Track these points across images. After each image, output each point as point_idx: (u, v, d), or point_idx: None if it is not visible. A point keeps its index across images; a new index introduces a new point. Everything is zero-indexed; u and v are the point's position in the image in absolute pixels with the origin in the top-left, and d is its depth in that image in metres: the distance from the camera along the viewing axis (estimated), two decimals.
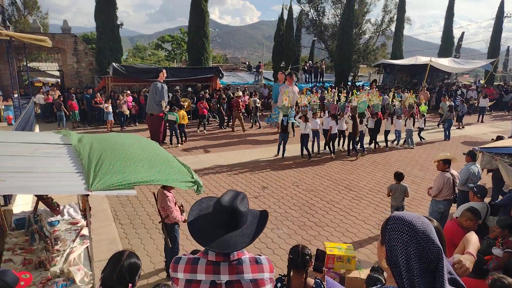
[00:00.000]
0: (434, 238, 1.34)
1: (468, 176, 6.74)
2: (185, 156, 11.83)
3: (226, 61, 45.45)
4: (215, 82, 20.29)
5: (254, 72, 27.27)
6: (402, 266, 1.32)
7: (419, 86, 24.28)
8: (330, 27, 37.53)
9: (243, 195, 2.00)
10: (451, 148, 13.71)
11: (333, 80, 27.95)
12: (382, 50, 39.01)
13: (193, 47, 22.30)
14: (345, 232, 6.96)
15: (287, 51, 30.74)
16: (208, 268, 1.86)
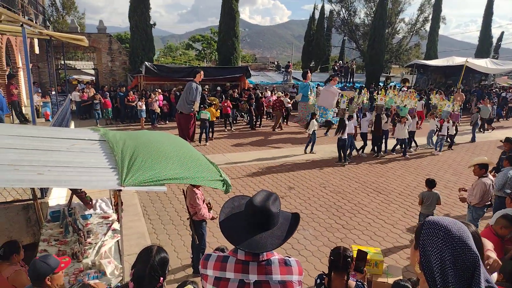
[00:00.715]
0: (471, 245, 1.29)
1: (505, 181, 6.45)
2: (213, 154, 11.96)
3: (255, 61, 45.60)
4: (243, 81, 20.40)
5: (283, 72, 27.18)
6: (436, 272, 1.28)
7: (454, 88, 23.44)
8: (362, 27, 36.91)
9: (276, 196, 2.00)
10: (487, 152, 13.16)
11: (364, 80, 27.46)
12: (415, 50, 37.94)
13: (223, 47, 22.51)
14: (373, 235, 6.83)
15: (317, 50, 30.54)
16: (237, 267, 1.87)
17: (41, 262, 2.86)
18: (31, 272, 2.84)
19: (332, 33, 38.45)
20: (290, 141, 14.39)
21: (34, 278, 2.84)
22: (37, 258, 2.92)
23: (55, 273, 2.92)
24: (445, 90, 23.04)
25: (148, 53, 20.04)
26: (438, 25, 31.14)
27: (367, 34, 31.61)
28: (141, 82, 18.27)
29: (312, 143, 12.49)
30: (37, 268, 2.82)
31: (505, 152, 8.19)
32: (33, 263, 2.86)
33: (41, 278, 2.83)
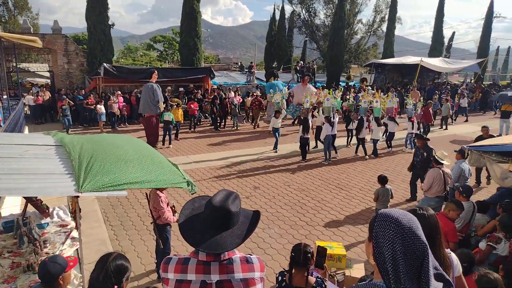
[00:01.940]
0: (420, 235, 1.37)
1: (460, 173, 6.86)
2: (176, 156, 11.81)
3: (218, 62, 45.36)
4: (207, 82, 20.28)
5: (246, 73, 27.27)
6: (388, 262, 1.34)
7: (410, 86, 24.49)
8: (322, 28, 37.71)
9: (236, 195, 2.01)
10: (441, 146, 13.83)
11: (325, 80, 28.07)
12: (373, 50, 39.28)
13: (185, 48, 22.26)
14: (336, 231, 7.01)
15: (279, 51, 30.86)
16: (199, 268, 1.87)
17: (52, 262, 2.89)
18: (43, 273, 2.86)
19: (294, 34, 39.02)
20: (255, 141, 14.47)
21: (47, 279, 2.86)
22: (47, 260, 2.95)
23: (66, 271, 2.97)
24: (402, 88, 24.01)
25: (106, 54, 19.44)
26: (394, 26, 32.38)
27: (327, 35, 32.34)
28: (100, 84, 17.70)
29: (276, 141, 12.65)
30: (49, 269, 2.84)
31: (418, 147, 8.50)
32: (44, 264, 2.89)
33: (54, 278, 2.86)
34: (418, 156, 8.41)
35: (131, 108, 17.05)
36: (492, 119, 20.59)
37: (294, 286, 2.97)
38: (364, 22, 38.47)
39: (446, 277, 1.47)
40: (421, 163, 8.28)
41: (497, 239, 4.56)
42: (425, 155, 8.19)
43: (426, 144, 8.33)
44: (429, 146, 8.32)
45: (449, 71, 30.33)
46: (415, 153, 8.58)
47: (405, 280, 1.29)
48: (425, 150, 8.23)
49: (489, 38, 35.03)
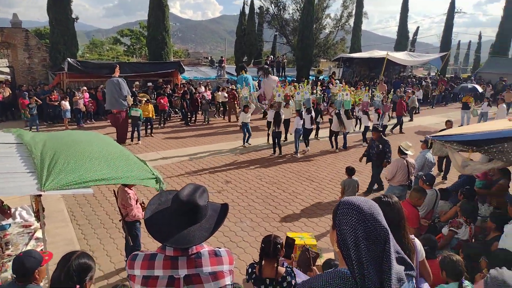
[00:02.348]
0: (381, 220, 1.41)
1: (424, 162, 7.13)
2: (146, 152, 11.60)
3: (188, 56, 44.73)
4: (176, 77, 19.98)
5: (216, 67, 27.06)
6: (351, 249, 1.37)
7: (377, 79, 25.11)
8: (291, 22, 37.94)
9: (203, 188, 1.99)
10: (406, 137, 14.31)
11: (295, 74, 28.30)
12: (341, 44, 39.96)
13: (153, 42, 21.83)
14: (307, 222, 7.13)
15: (249, 45, 30.77)
16: (166, 263, 1.85)
17: (28, 256, 2.85)
18: (18, 268, 2.79)
19: (264, 28, 39.06)
20: (226, 135, 14.42)
21: (22, 274, 2.79)
22: (21, 255, 2.90)
23: (41, 266, 2.92)
24: (369, 81, 24.58)
25: (71, 49, 18.76)
26: (361, 21, 33.04)
27: (297, 29, 32.57)
28: (64, 80, 17.06)
29: (245, 136, 12.66)
30: (25, 263, 2.78)
31: (373, 140, 8.60)
32: (18, 259, 2.83)
33: (30, 272, 2.81)
34: (374, 148, 8.47)
35: (97, 104, 16.55)
36: (454, 110, 21.48)
37: (264, 277, 3.00)
38: (332, 17, 39.06)
39: (407, 261, 1.52)
40: (377, 155, 8.37)
41: (459, 224, 4.78)
42: (380, 147, 8.28)
43: (381, 136, 8.47)
44: (384, 138, 8.48)
45: (414, 64, 31.34)
46: (371, 145, 8.63)
47: (367, 265, 1.33)
48: (380, 142, 8.33)
49: (451, 33, 36.41)
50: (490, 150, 4.31)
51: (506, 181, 5.97)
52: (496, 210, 5.52)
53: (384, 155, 8.27)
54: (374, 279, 1.32)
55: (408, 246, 2.32)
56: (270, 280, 2.97)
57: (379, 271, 1.34)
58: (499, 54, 33.65)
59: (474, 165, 4.90)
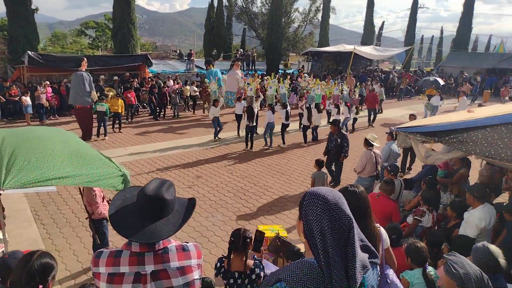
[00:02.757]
0: (345, 209, 1.44)
1: (389, 153, 7.35)
2: (113, 148, 11.30)
3: (155, 49, 43.73)
4: (143, 70, 19.53)
5: (185, 60, 26.65)
6: (317, 238, 1.39)
7: (344, 73, 25.58)
8: (260, 16, 37.90)
9: (170, 183, 1.97)
10: (372, 129, 14.71)
11: (265, 68, 28.35)
12: (310, 38, 40.38)
13: (118, 34, 21.19)
14: (278, 214, 7.21)
15: (218, 39, 30.54)
16: (132, 260, 1.82)
17: (13, 259, 2.71)
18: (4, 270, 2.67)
19: (233, 21, 38.83)
20: (196, 129, 14.28)
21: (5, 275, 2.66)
22: (6, 257, 2.80)
23: None
24: (338, 75, 25.02)
25: (31, 41, 17.88)
26: (328, 15, 33.50)
27: (266, 23, 32.59)
28: (25, 74, 16.29)
29: (215, 130, 12.60)
30: (10, 265, 2.64)
31: (332, 133, 8.66)
32: (3, 260, 2.74)
33: None
34: (332, 141, 8.52)
35: (61, 99, 15.90)
36: (419, 103, 22.23)
37: (232, 271, 3.00)
38: (300, 11, 39.33)
39: (371, 249, 1.57)
40: (336, 148, 8.44)
41: (422, 213, 4.98)
42: (339, 141, 8.36)
43: (339, 130, 8.57)
44: (342, 132, 8.59)
45: (380, 58, 32.14)
46: (329, 139, 8.67)
47: (333, 253, 1.36)
48: (339, 136, 8.42)
49: (414, 28, 37.58)
50: (450, 141, 4.49)
51: (466, 170, 6.27)
52: (456, 198, 5.80)
53: (341, 148, 8.36)
54: (339, 267, 1.35)
55: (374, 234, 2.38)
56: (239, 273, 2.98)
57: (344, 259, 1.38)
58: (460, 48, 35.07)
59: (436, 155, 5.09)
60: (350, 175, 9.07)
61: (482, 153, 4.16)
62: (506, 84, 26.26)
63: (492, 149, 4.07)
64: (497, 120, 4.27)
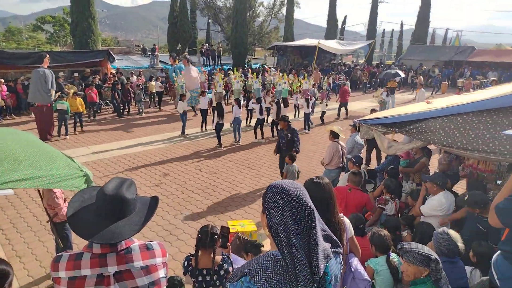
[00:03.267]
0: (306, 201, 1.46)
1: (353, 145, 7.53)
2: (76, 148, 10.90)
3: (118, 44, 42.49)
4: (105, 66, 18.90)
5: (149, 56, 26.07)
6: (280, 230, 1.41)
7: (309, 67, 25.91)
8: (225, 10, 37.61)
9: (131, 181, 1.94)
10: (336, 122, 15.03)
11: (231, 63, 28.24)
12: (275, 33, 40.56)
13: (77, 29, 20.42)
14: (247, 209, 7.23)
15: (182, 33, 30.06)
16: (94, 262, 1.77)
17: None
18: None
19: (198, 15, 38.33)
20: (162, 126, 14.03)
21: None
22: None
23: None
24: (303, 69, 25.29)
25: None
26: (293, 9, 33.74)
27: (230, 17, 32.40)
28: None
29: (183, 125, 12.45)
30: None
31: (282, 129, 8.52)
32: None
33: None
34: (283, 138, 8.21)
35: (17, 97, 15.15)
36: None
37: (201, 268, 2.99)
38: (265, 5, 39.44)
39: (334, 238, 1.60)
40: (287, 144, 8.14)
41: (385, 201, 5.15)
42: (289, 136, 8.09)
43: (289, 125, 8.24)
44: (292, 127, 8.27)
45: (343, 52, 32.78)
46: (280, 135, 8.38)
47: (296, 245, 1.38)
48: (289, 132, 8.14)
49: (375, 22, 38.58)
50: (410, 131, 4.66)
51: (427, 159, 6.53)
52: (418, 186, 6.04)
53: (293, 144, 8.10)
54: (302, 258, 1.37)
55: (339, 225, 2.44)
56: (207, 270, 2.98)
57: (307, 250, 1.40)
58: (419, 41, 36.40)
59: (397, 145, 5.27)
60: (318, 168, 9.25)
61: (440, 142, 4.34)
62: (462, 76, 27.58)
63: (449, 138, 4.26)
64: (453, 110, 4.47)
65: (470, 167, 5.91)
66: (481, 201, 4.16)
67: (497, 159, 4.03)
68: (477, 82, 25.13)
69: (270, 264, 1.43)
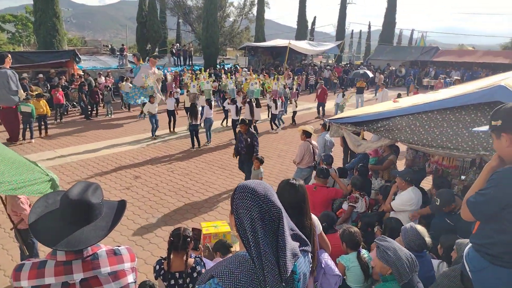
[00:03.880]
0: (274, 201, 1.47)
1: (324, 144, 7.64)
2: (42, 152, 10.50)
3: (84, 44, 41.21)
4: (72, 67, 18.32)
5: (118, 56, 25.47)
6: (248, 230, 1.41)
7: (281, 67, 26.11)
8: (195, 10, 37.30)
9: (96, 185, 1.89)
10: (317, 120, 15.23)
11: (203, 63, 28.04)
12: (246, 33, 40.63)
13: (41, 29, 19.72)
14: (221, 210, 7.20)
15: (152, 33, 29.60)
16: (58, 270, 1.72)
17: None
18: None
19: (168, 15, 37.81)
20: (132, 128, 13.75)
21: None
22: None
23: None
24: (274, 69, 25.45)
25: None
26: (263, 10, 33.89)
27: (201, 17, 32.17)
28: None
29: (153, 127, 12.27)
30: None
31: (241, 133, 8.29)
32: None
33: None
34: (242, 142, 7.84)
35: None
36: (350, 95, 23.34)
37: (173, 272, 2.95)
38: (235, 6, 39.39)
39: (302, 237, 1.62)
40: (246, 149, 7.81)
41: (355, 199, 5.26)
42: (248, 141, 7.79)
43: (249, 129, 7.94)
44: (251, 131, 7.99)
45: (314, 53, 33.23)
46: (239, 139, 7.98)
47: (264, 245, 1.38)
48: (248, 136, 7.85)
49: (344, 23, 39.37)
50: (378, 129, 4.79)
51: (395, 157, 6.72)
52: (387, 183, 6.21)
53: (252, 148, 7.79)
54: (270, 258, 1.37)
55: (311, 226, 2.48)
56: (180, 273, 2.94)
57: (275, 250, 1.41)
58: (386, 42, 37.44)
59: (366, 143, 5.40)
60: (290, 167, 9.33)
61: (407, 139, 4.49)
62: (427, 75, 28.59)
63: (415, 136, 4.41)
64: (418, 108, 4.63)
65: (436, 164, 6.13)
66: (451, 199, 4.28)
67: (460, 155, 4.20)
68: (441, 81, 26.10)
69: (238, 265, 1.43)
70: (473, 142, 3.94)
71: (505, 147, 2.28)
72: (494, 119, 2.31)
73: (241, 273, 1.41)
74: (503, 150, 2.31)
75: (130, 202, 7.41)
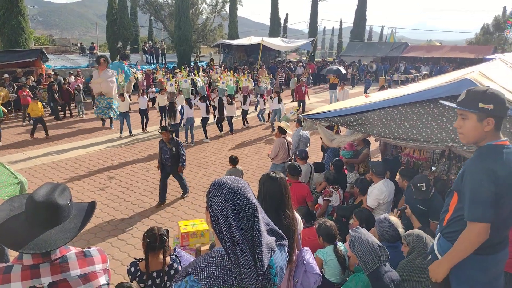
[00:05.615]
0: (249, 196, 1.48)
1: (299, 139, 7.72)
2: (9, 154, 10.12)
3: (53, 43, 39.87)
4: (39, 66, 17.71)
5: (88, 54, 24.79)
6: (223, 226, 1.42)
7: (255, 65, 26.13)
8: (166, 7, 36.75)
9: (64, 186, 1.84)
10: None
11: (176, 61, 27.69)
12: (219, 30, 40.36)
13: (5, 27, 18.93)
14: (198, 208, 7.17)
15: (123, 31, 28.98)
16: (25, 274, 1.67)
17: None
18: None
19: (139, 12, 37.10)
20: (105, 128, 13.44)
21: None
22: None
23: None
24: (248, 67, 25.45)
25: None
26: (236, 7, 33.77)
27: (173, 14, 31.73)
28: None
29: (122, 126, 12.06)
30: None
31: (164, 142, 7.98)
32: None
33: None
34: (166, 152, 6.99)
35: None
36: (324, 91, 23.71)
37: (150, 272, 2.92)
38: (208, 2, 39.07)
39: (278, 231, 1.64)
40: (172, 160, 7.04)
41: (330, 193, 5.36)
42: (174, 150, 7.00)
43: (173, 137, 7.14)
44: (175, 139, 7.23)
45: (287, 50, 33.42)
46: (162, 149, 7.09)
47: (239, 240, 1.39)
48: (173, 145, 7.01)
49: (316, 20, 39.78)
50: (351, 124, 4.89)
51: (369, 150, 6.88)
52: (361, 176, 6.35)
53: (178, 158, 7.10)
54: (246, 253, 1.39)
55: (293, 221, 2.52)
56: (157, 273, 2.92)
57: (251, 245, 1.42)
58: (357, 39, 38.10)
59: (339, 138, 5.50)
60: (267, 163, 9.38)
61: (378, 133, 4.61)
62: (397, 70, 29.31)
63: (386, 129, 4.53)
64: (389, 102, 4.76)
65: (407, 156, 6.32)
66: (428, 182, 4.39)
67: (430, 147, 4.34)
68: (411, 76, 26.86)
69: (214, 262, 1.44)
70: (442, 134, 4.09)
71: (481, 130, 2.24)
72: (485, 102, 2.19)
73: (218, 269, 1.41)
74: (476, 131, 2.25)
75: (105, 203, 7.27)
